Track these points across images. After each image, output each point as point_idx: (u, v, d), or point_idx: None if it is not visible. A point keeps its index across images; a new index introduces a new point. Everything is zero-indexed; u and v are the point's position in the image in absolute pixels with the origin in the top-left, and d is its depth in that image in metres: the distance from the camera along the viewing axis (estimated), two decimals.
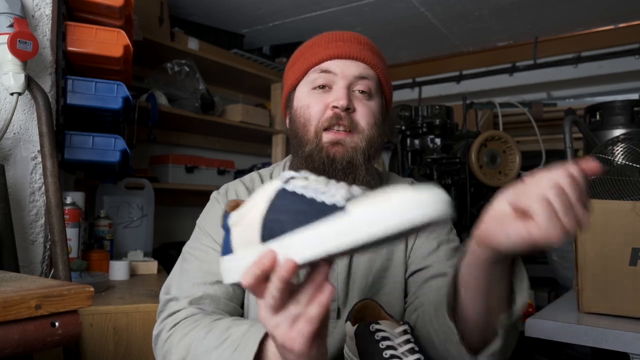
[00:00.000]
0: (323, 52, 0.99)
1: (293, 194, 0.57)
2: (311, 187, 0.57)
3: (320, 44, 1.01)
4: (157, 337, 0.91)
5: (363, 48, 1.00)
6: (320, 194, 0.55)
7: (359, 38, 1.02)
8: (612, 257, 1.33)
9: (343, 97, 0.94)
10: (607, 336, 1.23)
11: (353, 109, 0.96)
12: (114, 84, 1.57)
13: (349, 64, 0.98)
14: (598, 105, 2.24)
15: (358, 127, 0.96)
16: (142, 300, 1.41)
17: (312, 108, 0.98)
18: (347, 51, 0.98)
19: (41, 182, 1.40)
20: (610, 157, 1.53)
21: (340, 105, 0.94)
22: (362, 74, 0.98)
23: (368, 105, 0.98)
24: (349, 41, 1.00)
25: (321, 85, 0.98)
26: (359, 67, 0.98)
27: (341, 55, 0.98)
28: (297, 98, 1.03)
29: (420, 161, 2.61)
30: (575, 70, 3.35)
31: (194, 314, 0.88)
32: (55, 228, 1.27)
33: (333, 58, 0.98)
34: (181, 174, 2.84)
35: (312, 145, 0.96)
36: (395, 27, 3.29)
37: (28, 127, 1.39)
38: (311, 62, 1.00)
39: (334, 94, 0.96)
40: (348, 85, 0.97)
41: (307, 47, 1.04)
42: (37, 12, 1.40)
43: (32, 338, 0.67)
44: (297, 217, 0.55)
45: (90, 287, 0.74)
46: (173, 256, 2.61)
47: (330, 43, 1.00)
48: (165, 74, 2.74)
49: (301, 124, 0.99)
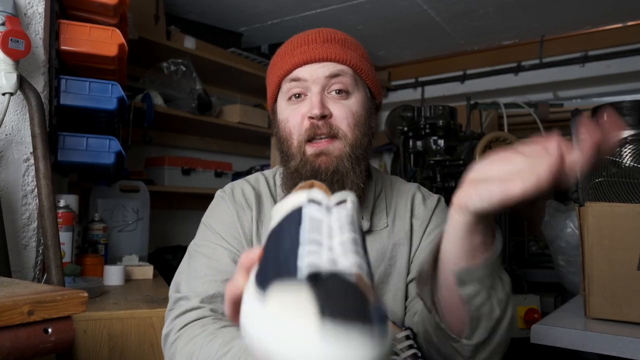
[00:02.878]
0: (290, 61, 0.99)
1: (298, 222, 0.49)
2: (314, 229, 0.48)
3: (287, 52, 1.01)
4: (165, 337, 0.91)
5: (329, 46, 0.99)
6: (309, 244, 0.45)
7: (324, 35, 1.01)
8: (620, 262, 1.34)
9: (316, 106, 0.94)
10: (615, 343, 1.23)
11: (330, 114, 0.96)
12: (109, 83, 1.57)
13: (316, 67, 0.97)
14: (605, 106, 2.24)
15: (339, 133, 0.96)
16: (137, 306, 1.41)
17: (290, 121, 0.98)
18: (312, 54, 0.97)
19: (34, 185, 1.40)
20: (618, 159, 1.53)
21: (314, 114, 0.94)
22: (332, 72, 0.97)
23: (346, 105, 0.97)
24: (313, 42, 0.99)
25: (296, 94, 0.98)
26: (328, 67, 0.97)
27: (308, 60, 0.97)
28: (279, 111, 1.03)
29: (423, 163, 2.61)
30: (583, 70, 3.35)
31: (203, 316, 0.89)
32: (48, 232, 1.27)
33: (301, 65, 0.98)
34: (177, 176, 2.84)
35: (297, 160, 0.97)
36: (397, 26, 3.29)
37: (20, 128, 1.39)
38: (281, 73, 1.00)
39: (307, 103, 0.97)
40: (322, 89, 0.97)
41: (277, 56, 1.04)
42: (29, 10, 1.41)
43: (25, 345, 0.67)
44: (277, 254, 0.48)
45: (84, 293, 0.74)
46: (169, 261, 2.62)
47: (296, 49, 0.99)
48: (161, 74, 2.74)
49: (284, 139, 1.00)
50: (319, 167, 0.95)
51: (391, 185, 1.12)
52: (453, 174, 2.54)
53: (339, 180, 0.95)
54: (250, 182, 1.09)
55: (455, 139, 2.62)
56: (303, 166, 0.96)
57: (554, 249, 2.20)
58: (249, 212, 1.03)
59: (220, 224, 1.02)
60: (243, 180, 1.10)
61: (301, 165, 0.96)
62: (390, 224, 1.05)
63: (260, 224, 1.02)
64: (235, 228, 1.01)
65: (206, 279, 0.95)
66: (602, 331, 1.27)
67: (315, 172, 0.95)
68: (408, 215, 1.07)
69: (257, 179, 1.10)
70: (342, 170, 0.95)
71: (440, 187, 2.49)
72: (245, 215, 1.02)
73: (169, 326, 0.91)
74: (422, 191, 1.12)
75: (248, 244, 1.00)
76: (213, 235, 1.01)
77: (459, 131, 2.65)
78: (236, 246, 1.00)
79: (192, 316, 0.89)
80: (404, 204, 1.08)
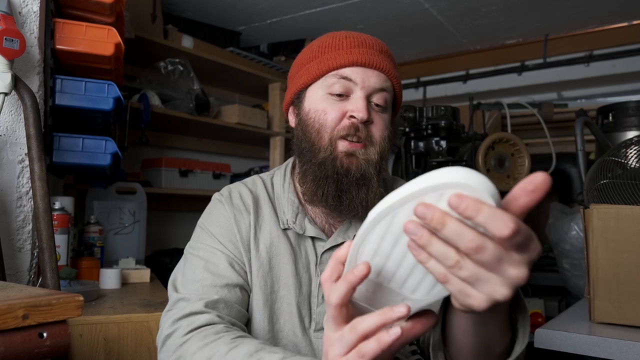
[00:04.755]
0: (344, 57, 0.98)
1: None
2: None
3: (341, 47, 1.00)
4: (167, 339, 0.90)
5: (385, 57, 1.00)
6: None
7: (381, 46, 1.02)
8: (626, 265, 1.34)
9: (363, 110, 0.95)
10: (621, 347, 1.23)
11: (371, 121, 0.98)
12: (105, 83, 1.57)
13: (370, 73, 0.98)
14: (611, 106, 2.25)
15: (373, 140, 0.98)
16: (134, 310, 1.41)
17: (328, 114, 0.98)
18: (370, 60, 0.98)
19: (28, 187, 1.40)
20: (623, 160, 1.53)
21: (360, 117, 0.95)
22: (382, 86, 0.99)
23: (383, 118, 1.00)
24: (372, 48, 1.00)
25: (339, 93, 0.98)
26: (380, 79, 0.98)
27: (363, 64, 0.97)
28: (309, 99, 1.02)
29: (425, 164, 2.62)
30: (587, 70, 3.35)
31: (213, 322, 0.89)
32: (44, 234, 1.27)
33: (354, 65, 0.97)
34: (175, 178, 2.84)
35: (326, 152, 0.97)
36: (399, 24, 3.30)
37: (15, 129, 1.39)
38: (329, 66, 0.99)
39: (353, 104, 0.97)
40: (367, 96, 0.97)
41: (325, 47, 1.02)
42: (24, 8, 1.41)
43: (19, 350, 0.67)
44: None
45: (79, 296, 0.74)
46: (166, 264, 2.62)
47: (353, 48, 0.99)
48: (158, 74, 2.75)
49: (315, 129, 0.99)
50: (349, 167, 0.96)
51: (392, 186, 1.13)
52: None
53: (365, 184, 0.97)
54: (248, 185, 1.09)
55: (458, 140, 2.62)
56: (332, 161, 0.96)
57: (558, 252, 2.20)
58: (246, 216, 1.03)
59: (218, 228, 1.02)
60: (240, 183, 1.10)
61: (330, 160, 0.96)
62: None
63: (258, 228, 1.03)
64: (233, 232, 1.01)
65: (205, 283, 0.95)
66: (607, 336, 1.27)
67: (345, 170, 0.96)
68: None
69: (255, 182, 1.10)
70: (368, 175, 0.97)
71: None
72: (242, 219, 1.03)
73: (171, 327, 0.90)
74: None
75: (245, 249, 1.01)
76: (210, 238, 1.01)
77: (461, 132, 2.65)
78: (233, 251, 1.00)
79: (202, 320, 0.88)
80: None
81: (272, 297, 0.99)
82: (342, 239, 1.01)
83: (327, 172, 0.96)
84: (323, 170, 0.96)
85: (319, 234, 1.02)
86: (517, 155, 2.57)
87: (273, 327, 0.98)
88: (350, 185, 0.96)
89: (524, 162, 2.55)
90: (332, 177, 0.96)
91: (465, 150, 2.59)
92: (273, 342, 0.98)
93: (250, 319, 0.99)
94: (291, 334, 0.98)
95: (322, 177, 0.96)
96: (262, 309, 0.98)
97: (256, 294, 0.99)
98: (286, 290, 0.99)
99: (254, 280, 0.99)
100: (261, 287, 0.99)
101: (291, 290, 0.99)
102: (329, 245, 1.01)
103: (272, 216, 1.04)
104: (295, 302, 0.99)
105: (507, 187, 2.53)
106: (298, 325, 0.98)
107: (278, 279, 1.00)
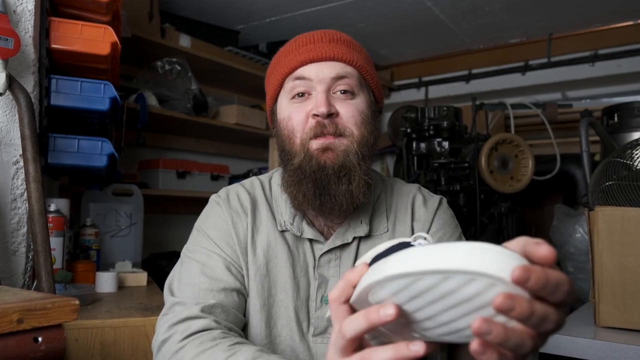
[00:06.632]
0: (295, 59, 0.99)
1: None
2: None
3: (291, 50, 1.02)
4: (163, 344, 0.90)
5: (336, 46, 1.00)
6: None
7: (331, 35, 1.02)
8: (631, 268, 1.34)
9: (322, 104, 0.95)
10: (626, 352, 1.23)
11: (336, 113, 0.97)
12: (101, 83, 1.57)
13: (322, 66, 0.98)
14: (616, 106, 2.25)
15: (346, 131, 0.97)
16: (130, 314, 1.41)
17: (293, 119, 0.99)
18: (319, 53, 0.98)
19: (23, 188, 1.40)
20: (629, 161, 1.53)
21: (321, 112, 0.95)
22: (339, 73, 0.98)
23: (352, 104, 0.99)
24: (320, 41, 1.00)
25: (300, 93, 0.99)
26: (335, 68, 0.98)
27: (314, 59, 0.98)
28: (279, 110, 1.04)
29: (426, 166, 2.62)
30: (592, 69, 3.36)
31: (209, 327, 0.89)
32: (39, 237, 1.27)
33: (306, 63, 0.99)
34: (172, 179, 2.84)
35: (301, 156, 0.97)
36: (400, 23, 3.30)
37: (9, 130, 1.40)
38: (285, 71, 1.00)
39: (313, 101, 0.97)
40: (327, 89, 0.97)
41: (280, 54, 1.05)
42: (18, 7, 1.41)
43: (14, 354, 0.68)
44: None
45: (75, 300, 0.75)
46: (163, 267, 2.62)
47: (301, 47, 1.00)
48: (155, 73, 2.75)
49: (286, 137, 1.00)
50: (325, 162, 0.96)
51: (391, 187, 1.12)
52: (458, 177, 2.54)
53: (346, 174, 0.96)
54: (246, 187, 1.09)
55: (460, 141, 2.63)
56: (308, 162, 0.96)
57: (562, 255, 2.20)
58: (244, 219, 1.03)
59: (215, 230, 1.02)
60: (238, 185, 1.10)
61: (305, 162, 0.96)
62: (390, 228, 1.06)
63: (255, 230, 1.03)
64: (230, 235, 1.01)
65: (202, 287, 0.95)
66: (612, 340, 1.27)
67: (321, 167, 0.96)
68: (409, 219, 1.07)
69: (253, 184, 1.10)
70: (348, 164, 0.96)
71: (445, 191, 2.50)
72: (240, 222, 1.03)
73: (167, 332, 0.90)
74: (423, 192, 1.12)
75: (242, 252, 1.01)
76: (207, 241, 1.02)
77: (464, 133, 2.66)
78: (230, 254, 1.00)
79: (198, 326, 0.88)
80: (404, 207, 1.08)
81: (269, 301, 0.99)
82: (340, 241, 1.01)
83: (305, 173, 0.96)
84: (301, 173, 0.97)
85: (317, 236, 1.02)
86: (521, 156, 2.57)
87: (270, 332, 0.98)
88: (329, 179, 0.95)
89: (527, 164, 2.55)
90: (310, 177, 0.96)
91: (468, 151, 2.60)
92: (270, 347, 0.98)
93: (247, 323, 0.99)
94: (289, 338, 0.98)
95: (300, 180, 0.97)
96: (259, 313, 0.98)
97: (253, 298, 0.99)
98: (284, 294, 0.99)
99: (251, 284, 0.99)
100: (258, 291, 0.99)
101: (289, 294, 0.99)
102: (327, 248, 1.01)
103: (269, 218, 1.04)
104: (293, 306, 0.99)
105: (511, 188, 2.53)
106: (296, 329, 0.98)
107: (275, 282, 1.00)
